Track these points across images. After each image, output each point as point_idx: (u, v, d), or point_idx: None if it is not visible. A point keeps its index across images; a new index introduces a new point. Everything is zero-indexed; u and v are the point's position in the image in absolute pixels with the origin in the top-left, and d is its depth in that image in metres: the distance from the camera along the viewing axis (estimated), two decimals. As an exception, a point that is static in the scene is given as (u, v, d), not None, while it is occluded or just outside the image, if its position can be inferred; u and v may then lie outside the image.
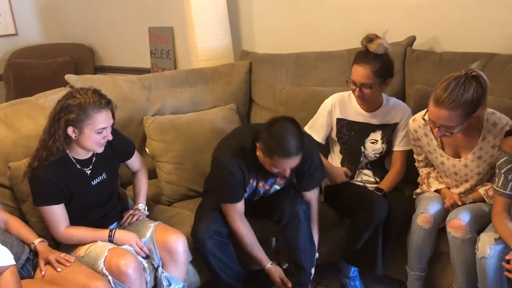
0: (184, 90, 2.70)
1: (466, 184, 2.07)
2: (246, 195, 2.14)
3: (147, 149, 2.58)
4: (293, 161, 1.92)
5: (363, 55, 2.14)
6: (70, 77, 2.51)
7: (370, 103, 2.25)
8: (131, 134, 2.47)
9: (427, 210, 2.00)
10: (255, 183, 2.13)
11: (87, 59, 4.18)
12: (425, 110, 2.07)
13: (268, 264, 2.14)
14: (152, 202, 2.41)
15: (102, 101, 1.88)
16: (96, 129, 1.87)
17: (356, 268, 2.31)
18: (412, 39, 2.62)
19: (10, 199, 2.11)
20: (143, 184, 2.23)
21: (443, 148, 2.06)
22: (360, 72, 2.13)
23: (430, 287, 2.13)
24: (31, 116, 2.27)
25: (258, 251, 2.13)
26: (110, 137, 1.93)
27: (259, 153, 1.96)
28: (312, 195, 2.20)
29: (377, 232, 2.08)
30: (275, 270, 2.15)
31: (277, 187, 2.21)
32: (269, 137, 1.89)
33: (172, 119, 2.57)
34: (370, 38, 2.14)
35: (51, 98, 2.38)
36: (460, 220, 1.88)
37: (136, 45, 3.96)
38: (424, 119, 1.97)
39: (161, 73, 2.85)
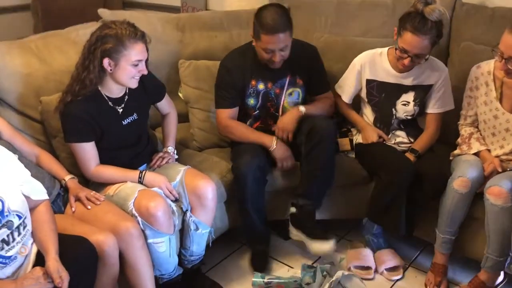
0: (218, 34, 2.59)
1: (513, 144, 1.97)
2: (256, 102, 2.20)
3: (180, 94, 2.52)
4: (280, 39, 2.01)
5: (419, 21, 1.95)
6: (103, 12, 2.43)
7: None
8: (162, 76, 2.41)
9: (465, 174, 1.93)
10: (260, 85, 2.17)
11: (116, -7, 4.06)
12: (492, 60, 1.97)
13: (274, 145, 2.14)
14: (181, 146, 2.38)
15: (138, 32, 1.83)
16: (132, 61, 1.82)
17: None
18: (463, -10, 2.46)
19: (41, 133, 2.10)
20: (172, 127, 2.20)
21: (501, 101, 1.96)
22: (415, 44, 1.97)
23: (457, 252, 2.10)
24: (62, 50, 2.21)
25: (256, 133, 2.20)
26: (146, 71, 1.88)
27: (254, 43, 2.08)
28: (325, 100, 2.28)
29: (401, 194, 2.04)
30: (281, 146, 2.15)
31: (291, 91, 2.23)
32: (256, 20, 2.04)
33: (209, 65, 2.45)
34: (426, 1, 1.95)
35: (83, 32, 2.30)
36: (501, 187, 1.81)
37: (167, -18, 3.82)
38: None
39: (195, 14, 2.76)
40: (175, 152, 2.17)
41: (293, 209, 2.17)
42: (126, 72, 1.84)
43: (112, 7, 3.76)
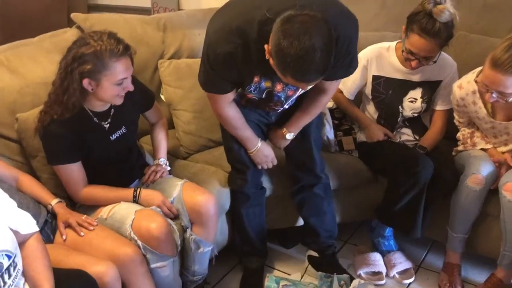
0: (201, 32, 2.41)
1: (518, 142, 1.93)
2: (255, 94, 1.71)
3: (162, 96, 2.36)
4: (312, 84, 1.48)
5: (427, 23, 1.80)
6: (77, 16, 2.24)
7: None
8: (146, 81, 2.26)
9: (479, 170, 1.86)
10: (266, 84, 1.67)
11: (78, -4, 3.84)
12: (471, 73, 1.90)
13: (258, 144, 1.88)
14: (171, 156, 2.22)
15: (120, 47, 1.60)
16: (116, 81, 1.62)
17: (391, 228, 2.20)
18: (453, -21, 2.39)
19: (18, 153, 1.89)
20: (163, 136, 2.02)
21: (493, 115, 1.89)
22: (423, 47, 1.85)
23: (470, 249, 2.04)
24: (36, 60, 2.01)
25: (248, 131, 1.85)
26: (131, 88, 1.69)
27: (268, 55, 1.44)
28: (331, 86, 1.77)
29: (421, 195, 1.94)
30: (265, 148, 1.92)
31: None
32: (285, 47, 1.33)
33: (190, 63, 2.32)
34: (435, 1, 1.80)
35: (55, 40, 2.14)
36: (517, 182, 1.75)
37: (134, -19, 3.64)
38: (476, 81, 1.78)
39: (176, 13, 2.61)
40: (167, 163, 2.01)
41: (312, 253, 2.13)
42: (109, 91, 1.64)
43: (76, 10, 3.57)
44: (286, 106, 1.82)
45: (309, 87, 1.54)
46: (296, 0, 1.43)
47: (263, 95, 1.70)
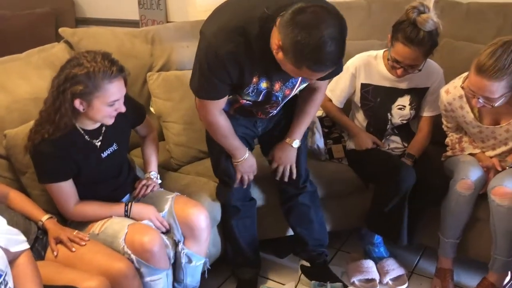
0: (190, 44, 2.44)
1: (505, 147, 1.95)
2: (252, 97, 1.67)
3: (151, 108, 2.37)
4: (324, 74, 1.47)
5: (411, 32, 1.81)
6: (64, 31, 2.23)
7: None
8: (136, 94, 2.26)
9: (468, 176, 1.88)
10: (264, 84, 1.64)
11: (67, 10, 3.83)
12: (458, 78, 1.92)
13: (246, 153, 1.88)
14: (162, 168, 2.21)
15: (114, 68, 1.59)
16: (107, 102, 1.61)
17: (380, 235, 2.21)
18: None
19: (7, 169, 1.87)
20: (154, 149, 2.02)
21: (481, 119, 1.92)
22: (407, 55, 1.86)
23: (462, 254, 2.05)
24: (24, 76, 2.00)
25: (236, 141, 1.83)
26: (123, 109, 1.68)
27: (276, 50, 1.43)
28: (323, 83, 1.80)
29: (403, 202, 1.96)
30: (251, 158, 1.90)
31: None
32: (303, 37, 1.33)
33: (179, 75, 2.33)
34: (419, 10, 1.81)
35: (44, 55, 2.13)
36: (506, 187, 1.77)
37: (122, -6, 3.64)
38: (462, 88, 1.81)
39: (164, 26, 2.61)
40: (159, 177, 2.00)
41: (304, 262, 2.13)
42: (101, 112, 1.63)
43: (64, 24, 3.56)
44: (276, 110, 1.82)
45: (314, 80, 1.55)
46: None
47: (260, 97, 1.68)
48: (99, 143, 1.75)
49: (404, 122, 2.14)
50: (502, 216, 1.80)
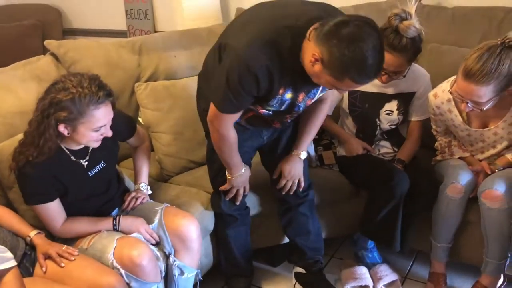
0: (178, 54, 2.44)
1: (493, 150, 1.96)
2: (275, 107, 1.64)
3: (140, 119, 2.35)
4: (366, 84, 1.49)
5: (394, 39, 1.82)
6: (50, 43, 2.21)
7: None
8: (123, 105, 2.26)
9: (457, 180, 1.88)
10: (288, 95, 1.61)
11: (54, 22, 3.82)
12: (446, 82, 1.93)
13: (243, 169, 1.86)
14: (151, 179, 2.19)
15: (101, 93, 1.55)
16: (93, 128, 1.59)
17: (373, 240, 2.20)
18: (421, -8, 2.44)
19: (-6, 185, 1.85)
20: (145, 160, 1.99)
21: (469, 123, 1.92)
22: (390, 62, 1.85)
23: (455, 258, 2.04)
24: (10, 89, 1.98)
25: (238, 157, 1.82)
26: (110, 134, 1.65)
27: (312, 62, 1.42)
28: (330, 94, 1.81)
29: (397, 208, 1.96)
30: (247, 173, 1.90)
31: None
32: (351, 51, 1.33)
33: (167, 85, 2.33)
34: (401, 17, 1.81)
35: (30, 68, 2.12)
36: (496, 190, 1.77)
37: (109, 5, 3.63)
38: (450, 92, 1.81)
39: (150, 36, 2.59)
40: (148, 188, 1.98)
41: (299, 269, 2.11)
42: (86, 137, 1.61)
43: (51, 36, 3.54)
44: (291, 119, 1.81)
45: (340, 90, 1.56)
46: (320, 12, 1.46)
47: (283, 107, 1.65)
48: (86, 162, 1.72)
49: (393, 127, 2.14)
50: (493, 219, 1.80)
